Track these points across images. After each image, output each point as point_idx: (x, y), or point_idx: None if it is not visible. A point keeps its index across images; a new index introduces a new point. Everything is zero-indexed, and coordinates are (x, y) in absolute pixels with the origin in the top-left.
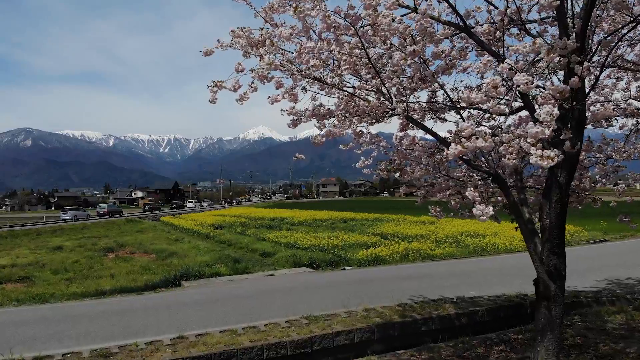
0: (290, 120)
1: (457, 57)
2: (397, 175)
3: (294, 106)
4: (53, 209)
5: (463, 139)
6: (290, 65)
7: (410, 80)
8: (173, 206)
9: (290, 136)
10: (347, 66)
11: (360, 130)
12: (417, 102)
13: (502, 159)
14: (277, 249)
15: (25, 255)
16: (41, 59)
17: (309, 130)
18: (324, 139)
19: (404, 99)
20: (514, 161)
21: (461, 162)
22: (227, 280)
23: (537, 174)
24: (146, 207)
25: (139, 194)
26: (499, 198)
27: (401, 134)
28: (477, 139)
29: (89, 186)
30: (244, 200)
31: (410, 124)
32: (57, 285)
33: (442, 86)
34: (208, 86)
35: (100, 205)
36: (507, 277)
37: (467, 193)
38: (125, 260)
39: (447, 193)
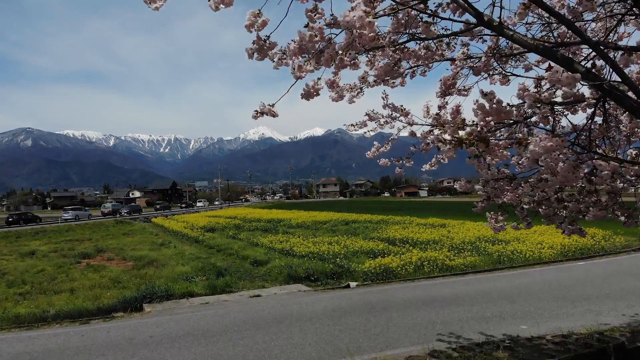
0: (254, 53)
1: None
2: (475, 156)
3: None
4: (49, 209)
5: None
6: None
7: None
8: (183, 205)
9: (290, 136)
10: None
11: (396, 63)
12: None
13: None
14: (270, 256)
15: None
16: (41, 59)
17: (310, 130)
18: (322, 83)
19: None
20: None
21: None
22: (201, 303)
23: None
24: (157, 206)
25: (137, 193)
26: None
27: (439, 102)
28: None
29: (89, 186)
30: (243, 199)
31: (458, 84)
32: (4, 302)
33: None
34: None
35: (104, 205)
36: (562, 302)
37: None
38: (96, 269)
39: (519, 192)
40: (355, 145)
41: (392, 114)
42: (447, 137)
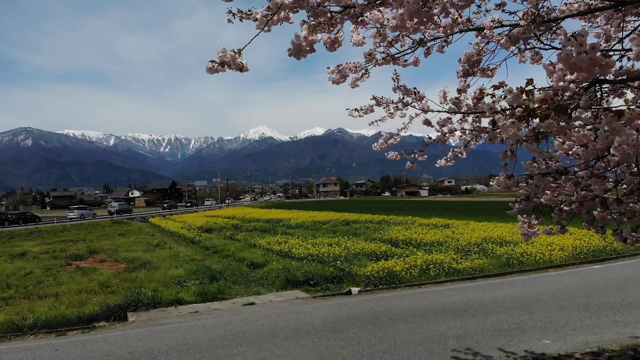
0: None
1: None
2: (536, 137)
3: None
4: (48, 208)
5: None
6: None
7: None
8: (188, 204)
9: (290, 136)
10: None
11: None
12: None
13: None
14: (268, 258)
15: None
16: (40, 58)
17: (310, 129)
18: (318, 35)
19: None
20: None
21: None
22: (190, 312)
23: None
24: (165, 205)
25: (136, 193)
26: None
27: (460, 85)
28: None
29: (90, 186)
30: (252, 198)
31: (483, 61)
32: None
33: None
34: None
35: (111, 204)
36: (584, 311)
37: None
38: (86, 272)
39: (559, 192)
40: (356, 145)
41: (403, 98)
42: (495, 105)
